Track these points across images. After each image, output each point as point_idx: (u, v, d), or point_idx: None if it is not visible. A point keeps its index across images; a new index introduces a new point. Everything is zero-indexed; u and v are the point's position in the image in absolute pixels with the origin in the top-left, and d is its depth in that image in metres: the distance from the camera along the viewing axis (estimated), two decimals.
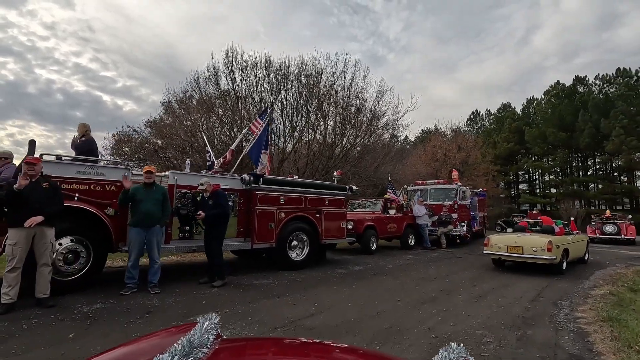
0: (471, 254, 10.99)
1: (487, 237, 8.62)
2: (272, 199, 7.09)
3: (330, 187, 8.43)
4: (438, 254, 11.02)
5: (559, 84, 45.34)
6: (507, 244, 8.03)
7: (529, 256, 7.67)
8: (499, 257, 8.27)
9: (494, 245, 8.26)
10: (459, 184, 14.04)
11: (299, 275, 6.82)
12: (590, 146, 39.27)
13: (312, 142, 17.93)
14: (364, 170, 17.54)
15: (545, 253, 7.41)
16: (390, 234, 11.48)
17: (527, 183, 51.10)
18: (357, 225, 10.11)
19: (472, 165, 34.95)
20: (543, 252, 7.45)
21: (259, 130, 8.02)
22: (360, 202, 12.58)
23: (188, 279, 6.07)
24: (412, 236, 12.29)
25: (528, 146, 44.78)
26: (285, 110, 15.92)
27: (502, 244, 8.11)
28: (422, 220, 12.39)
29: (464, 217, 13.93)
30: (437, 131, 39.65)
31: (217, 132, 16.26)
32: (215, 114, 15.85)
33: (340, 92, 16.82)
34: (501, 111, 53.72)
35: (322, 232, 7.93)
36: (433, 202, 13.85)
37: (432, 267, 8.37)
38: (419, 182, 15.21)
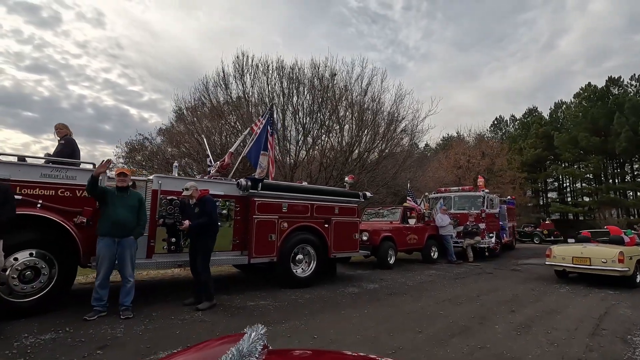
0: (503, 269, 9.73)
1: (549, 248, 8.23)
2: (273, 206, 6.25)
3: (341, 194, 7.51)
4: (464, 268, 9.83)
5: (590, 86, 42.83)
6: (572, 254, 7.66)
7: (597, 267, 7.24)
8: (563, 268, 7.89)
9: (558, 256, 7.90)
10: (486, 191, 12.80)
11: (302, 295, 5.90)
12: (627, 151, 36.54)
13: (327, 149, 17.13)
14: (381, 176, 16.52)
15: (617, 265, 7.00)
16: (411, 246, 10.39)
17: (557, 191, 48.27)
18: (373, 237, 9.11)
19: (497, 173, 33.14)
20: (614, 263, 7.03)
21: (259, 129, 7.27)
22: (377, 211, 11.56)
23: (172, 300, 5.27)
24: (435, 248, 11.13)
25: (557, 152, 42.30)
26: (297, 114, 15.20)
27: (567, 254, 7.75)
28: (446, 231, 11.23)
29: (492, 227, 12.64)
30: (460, 137, 37.98)
31: (229, 140, 15.72)
32: (226, 121, 15.32)
33: (356, 96, 16.01)
34: (527, 116, 51.36)
35: (331, 245, 7.00)
36: (458, 211, 12.66)
37: (458, 285, 7.25)
38: (442, 189, 14.04)
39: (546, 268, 9.72)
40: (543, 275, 8.65)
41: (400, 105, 16.38)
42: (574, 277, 8.22)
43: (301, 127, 15.34)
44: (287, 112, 15.35)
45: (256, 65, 14.86)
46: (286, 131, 15.36)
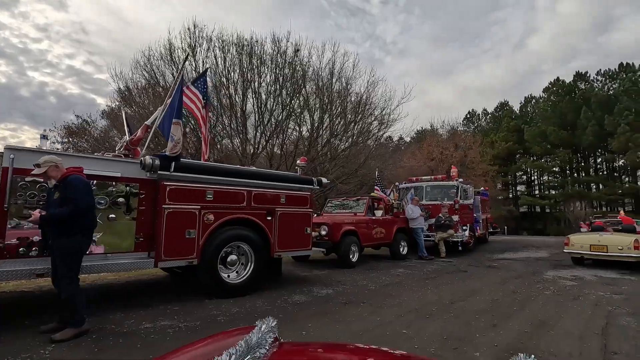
0: (478, 265, 8.73)
1: (567, 237, 8.91)
2: (192, 193, 4.78)
3: (289, 179, 6.12)
4: (436, 265, 8.76)
5: (558, 81, 43.57)
6: (589, 243, 8.29)
7: (614, 254, 7.84)
8: (581, 255, 8.45)
9: (576, 244, 8.56)
10: (460, 180, 11.82)
11: (228, 309, 4.50)
12: (593, 145, 37.41)
13: (293, 135, 15.71)
14: (350, 165, 15.31)
15: (632, 251, 7.60)
16: (377, 241, 9.19)
17: (526, 184, 49.19)
18: (333, 231, 7.82)
19: (469, 165, 32.91)
20: (630, 250, 7.64)
21: (187, 97, 5.75)
22: (342, 202, 10.28)
23: (30, 324, 3.73)
24: (405, 243, 10.01)
25: (527, 145, 42.89)
26: (259, 96, 13.63)
27: (585, 243, 8.38)
28: (416, 224, 10.14)
29: (466, 219, 11.70)
30: (433, 130, 37.53)
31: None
32: None
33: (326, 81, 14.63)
34: (498, 110, 51.94)
35: (275, 242, 5.63)
36: (430, 202, 11.62)
37: (429, 289, 6.08)
38: (413, 178, 12.98)
39: (525, 264, 8.83)
40: (522, 273, 7.68)
41: (373, 92, 15.23)
42: (560, 275, 7.29)
43: (265, 110, 13.81)
44: (248, 94, 13.77)
45: (210, 38, 13.11)
46: (248, 119, 13.79)
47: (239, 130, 13.84)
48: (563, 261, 9.45)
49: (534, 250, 12.21)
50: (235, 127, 13.64)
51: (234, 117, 13.67)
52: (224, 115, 13.70)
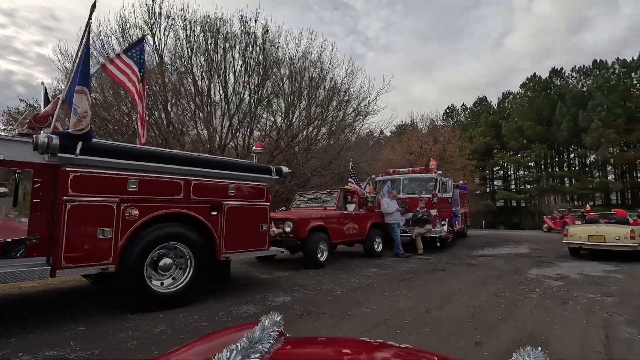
0: (457, 263, 8.10)
1: (566, 229, 9.29)
2: (107, 182, 3.80)
3: (241, 167, 5.21)
4: (413, 264, 8.07)
5: (535, 77, 44.12)
6: (587, 233, 8.58)
7: (611, 244, 8.20)
8: (580, 246, 8.81)
9: (574, 235, 8.86)
10: (439, 173, 11.20)
11: (152, 327, 3.58)
12: (568, 140, 38.09)
13: (265, 125, 14.73)
14: (327, 156, 14.46)
15: (629, 241, 7.99)
16: (349, 238, 8.41)
17: (502, 179, 49.90)
18: (299, 227, 6.96)
19: (448, 159, 32.82)
20: (626, 240, 8.03)
21: (117, 67, 4.73)
22: (313, 195, 9.42)
23: None
24: (380, 239, 9.28)
25: (505, 140, 43.34)
26: (226, 82, 12.53)
27: (583, 234, 8.67)
28: (392, 219, 9.42)
29: (445, 213, 11.11)
30: (413, 124, 37.23)
31: (131, 117, 12.51)
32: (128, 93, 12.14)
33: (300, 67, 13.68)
34: (477, 105, 52.33)
35: (221, 242, 4.72)
36: (407, 196, 10.93)
37: (403, 293, 5.34)
38: (390, 170, 12.28)
39: (506, 262, 8.27)
40: (504, 271, 7.07)
41: (352, 82, 14.41)
42: (544, 274, 6.70)
43: (233, 97, 12.73)
44: (215, 79, 12.65)
45: (170, 15, 11.88)
46: (213, 107, 12.67)
47: (206, 120, 12.75)
48: (544, 257, 8.97)
49: (514, 246, 11.79)
50: (204, 116, 12.53)
51: (199, 105, 12.56)
52: (190, 102, 12.57)
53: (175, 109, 12.61)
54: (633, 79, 36.57)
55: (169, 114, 12.03)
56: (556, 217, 20.95)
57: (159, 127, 11.92)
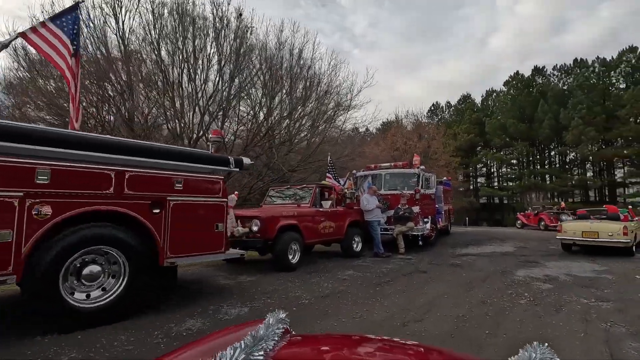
0: (439, 264, 7.57)
1: (560, 224, 9.53)
2: (4, 172, 3.03)
3: (190, 157, 4.47)
4: (393, 264, 7.50)
5: (518, 75, 44.47)
6: (581, 229, 8.60)
7: (604, 240, 8.28)
8: (574, 242, 8.87)
9: (569, 231, 8.90)
10: (422, 168, 10.68)
11: (58, 354, 2.85)
12: (549, 137, 38.51)
13: (245, 118, 13.91)
14: (306, 149, 13.79)
15: (622, 237, 8.05)
16: (326, 237, 7.77)
17: (485, 176, 50.30)
18: (267, 226, 6.27)
19: (432, 156, 32.67)
20: (619, 236, 8.08)
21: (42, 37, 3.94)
22: (286, 191, 8.71)
23: None
24: (359, 238, 8.69)
25: (488, 138, 43.58)
26: (194, 68, 11.67)
27: (577, 229, 8.70)
28: (372, 216, 8.83)
29: (428, 210, 10.61)
30: (398, 121, 36.92)
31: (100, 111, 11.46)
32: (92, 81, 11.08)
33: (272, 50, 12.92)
34: (461, 103, 52.52)
35: (165, 245, 3.99)
36: (389, 192, 10.37)
37: (378, 300, 4.74)
38: (371, 165, 11.70)
39: (491, 261, 7.80)
40: (489, 273, 6.57)
41: (335, 76, 13.77)
42: (531, 275, 6.21)
43: (203, 87, 11.89)
44: (184, 68, 11.76)
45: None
46: (185, 99, 11.79)
47: (176, 112, 11.86)
48: (530, 256, 8.56)
49: (498, 244, 11.40)
50: (174, 108, 11.63)
51: (169, 97, 11.67)
52: (160, 93, 11.64)
53: (142, 101, 11.70)
54: (612, 77, 37.20)
55: (135, 106, 11.11)
56: (530, 214, 21.43)
57: (124, 120, 10.99)
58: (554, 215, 19.29)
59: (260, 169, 12.00)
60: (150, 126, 11.78)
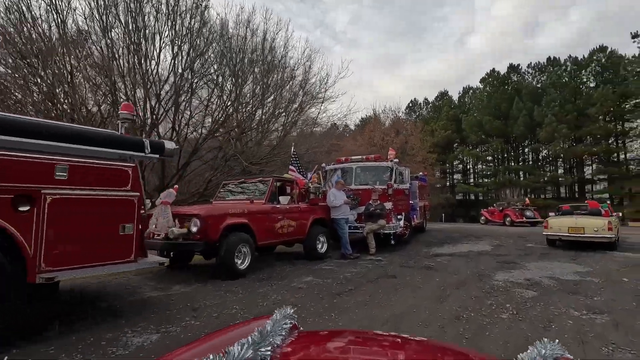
0: (411, 266, 6.79)
1: (546, 220, 9.50)
2: None
3: (84, 139, 3.41)
4: (360, 267, 6.65)
5: (494, 72, 44.83)
6: (567, 225, 8.68)
7: (590, 235, 8.31)
8: (559, 237, 8.92)
9: (555, 227, 8.94)
10: (396, 161, 9.90)
11: None
12: (524, 134, 38.99)
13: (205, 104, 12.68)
14: (281, 144, 12.74)
15: (607, 232, 8.13)
16: (285, 237, 6.83)
17: (462, 173, 50.70)
18: (208, 226, 5.26)
19: (410, 152, 32.36)
20: (604, 231, 8.15)
21: None
22: (240, 186, 7.67)
23: None
24: (324, 238, 7.80)
25: (465, 134, 43.78)
26: (147, 47, 10.38)
27: (563, 225, 8.77)
28: (339, 213, 7.98)
29: (401, 207, 9.84)
30: (375, 116, 36.39)
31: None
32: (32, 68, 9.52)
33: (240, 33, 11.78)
34: (439, 99, 52.64)
35: (38, 255, 2.94)
36: (360, 186, 9.53)
37: (333, 317, 3.85)
38: (342, 158, 10.83)
39: (468, 263, 7.09)
40: (465, 277, 5.82)
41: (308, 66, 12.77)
42: (512, 280, 5.48)
43: (154, 67, 10.60)
44: (132, 49, 10.44)
45: None
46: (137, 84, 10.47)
47: (128, 97, 10.53)
48: (508, 256, 7.93)
49: (474, 242, 10.81)
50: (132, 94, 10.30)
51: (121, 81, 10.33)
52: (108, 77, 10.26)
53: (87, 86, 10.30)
54: (583, 76, 37.97)
55: (77, 92, 9.73)
56: (494, 210, 22.06)
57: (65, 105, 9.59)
58: (519, 212, 19.82)
59: (219, 161, 10.89)
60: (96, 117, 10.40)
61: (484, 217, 22.43)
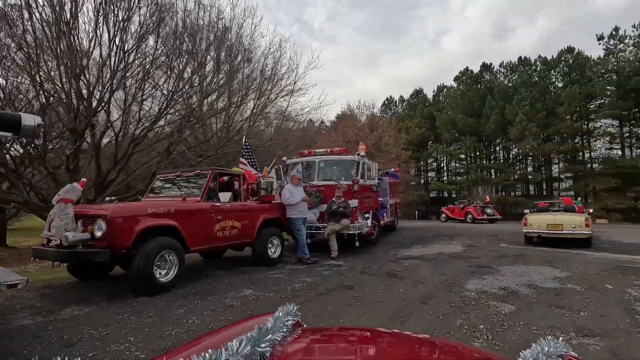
0: (373, 273, 5.93)
1: (525, 217, 9.23)
2: None
3: None
4: (314, 276, 5.72)
5: (467, 71, 45.18)
6: (546, 222, 8.75)
7: (568, 232, 8.43)
8: (538, 234, 8.86)
9: (534, 224, 8.95)
10: (362, 154, 9.06)
11: None
12: (495, 133, 39.43)
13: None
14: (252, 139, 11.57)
15: (584, 229, 8.33)
16: (227, 241, 5.77)
17: (436, 170, 51.01)
18: (117, 230, 4.16)
19: (384, 148, 31.91)
20: (582, 227, 8.35)
21: None
22: (174, 180, 6.53)
23: None
24: (277, 241, 6.82)
25: (439, 132, 43.91)
26: None
27: (542, 222, 8.82)
28: (296, 212, 7.03)
29: (368, 205, 9.01)
30: (350, 110, 35.71)
31: None
32: None
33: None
34: (414, 97, 52.70)
35: None
36: (323, 182, 8.62)
37: None
38: (305, 151, 9.88)
39: (437, 267, 6.31)
40: (433, 287, 5.01)
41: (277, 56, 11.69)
42: (485, 289, 4.68)
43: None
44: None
45: None
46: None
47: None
48: (481, 259, 7.25)
49: (446, 242, 10.15)
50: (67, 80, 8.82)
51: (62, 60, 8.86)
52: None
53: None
54: (552, 76, 38.79)
55: None
56: (455, 207, 22.65)
57: None
58: (480, 209, 20.62)
59: (163, 154, 9.64)
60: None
61: (445, 215, 22.90)
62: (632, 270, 6.04)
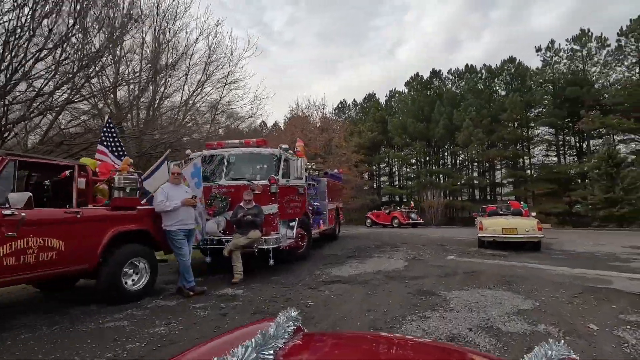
0: (278, 309, 4.08)
1: (480, 222, 9.25)
2: None
3: None
4: (183, 322, 3.73)
5: (418, 76, 45.61)
6: (501, 226, 8.77)
7: (522, 236, 8.49)
8: (493, 238, 8.77)
9: (489, 228, 8.91)
10: (284, 146, 7.23)
11: None
12: (444, 138, 39.89)
13: None
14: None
15: (537, 232, 8.45)
16: (36, 272, 3.60)
17: (388, 175, 50.96)
18: None
19: (335, 151, 30.61)
20: (534, 231, 8.45)
21: None
22: None
23: None
24: (144, 264, 4.71)
25: (390, 136, 43.70)
26: None
27: (497, 226, 8.83)
28: (175, 222, 4.94)
29: (291, 211, 7.17)
30: (298, 108, 33.94)
31: None
32: None
33: None
34: (367, 101, 52.43)
35: None
36: (232, 182, 6.64)
37: None
38: (214, 143, 7.85)
39: (368, 297, 4.56)
40: (358, 322, 3.25)
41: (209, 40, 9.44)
42: (428, 330, 3.09)
43: None
44: None
45: None
46: None
47: None
48: (425, 279, 5.70)
49: (388, 253, 8.61)
50: None
51: None
52: None
53: None
54: (495, 85, 40.18)
55: None
56: (381, 213, 23.07)
57: None
58: (406, 214, 21.51)
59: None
60: None
61: (370, 220, 23.04)
62: (605, 292, 4.79)
